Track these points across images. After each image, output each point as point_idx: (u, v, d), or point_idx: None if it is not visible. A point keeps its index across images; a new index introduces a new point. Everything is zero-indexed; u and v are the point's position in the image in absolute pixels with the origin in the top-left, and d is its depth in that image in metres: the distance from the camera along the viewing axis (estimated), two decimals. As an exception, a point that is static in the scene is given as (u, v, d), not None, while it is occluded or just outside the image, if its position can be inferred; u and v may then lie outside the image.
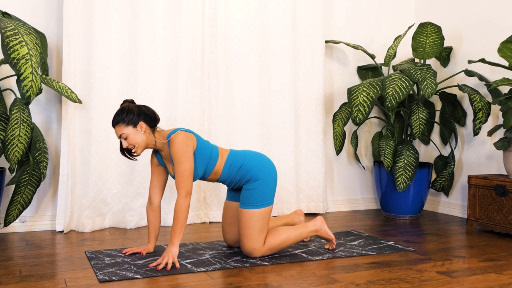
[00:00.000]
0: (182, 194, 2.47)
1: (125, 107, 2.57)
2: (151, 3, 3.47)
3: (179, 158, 2.47)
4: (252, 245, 2.60)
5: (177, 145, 2.48)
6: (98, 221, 3.38)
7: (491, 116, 3.73)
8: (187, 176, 2.48)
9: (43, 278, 2.29)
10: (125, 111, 2.55)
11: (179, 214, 2.45)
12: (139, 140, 2.54)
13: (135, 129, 2.54)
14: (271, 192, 2.65)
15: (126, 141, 2.54)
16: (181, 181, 2.48)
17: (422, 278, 2.31)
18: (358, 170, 4.34)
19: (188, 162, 2.48)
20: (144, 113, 2.57)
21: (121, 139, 2.55)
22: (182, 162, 2.48)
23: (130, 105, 2.58)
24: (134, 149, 2.56)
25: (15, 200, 2.95)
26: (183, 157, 2.48)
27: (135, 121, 2.54)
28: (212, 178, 2.70)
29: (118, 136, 2.55)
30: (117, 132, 2.55)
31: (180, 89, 3.55)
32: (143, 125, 2.55)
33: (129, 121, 2.53)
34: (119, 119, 2.54)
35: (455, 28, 4.05)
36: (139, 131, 2.54)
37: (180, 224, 2.45)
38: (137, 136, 2.54)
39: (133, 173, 3.45)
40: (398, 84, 3.50)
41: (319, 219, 2.79)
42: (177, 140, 2.49)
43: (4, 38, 2.58)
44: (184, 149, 2.48)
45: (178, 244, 2.46)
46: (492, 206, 3.31)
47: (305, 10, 3.96)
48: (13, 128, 2.81)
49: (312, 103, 3.98)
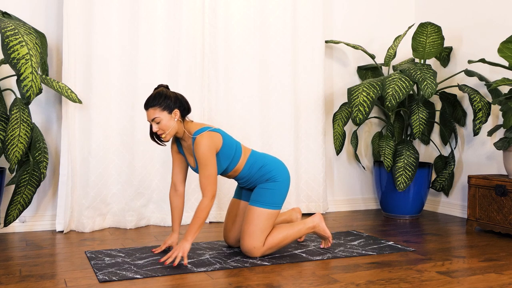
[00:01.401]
0: (208, 196, 2.50)
1: (162, 91, 2.56)
2: (151, 3, 3.47)
3: (203, 162, 2.50)
4: (253, 243, 2.60)
5: (201, 148, 2.49)
6: (98, 221, 3.38)
7: (491, 116, 3.73)
8: (213, 179, 2.51)
9: (43, 278, 2.29)
10: (162, 95, 2.54)
11: (201, 214, 2.48)
12: (171, 127, 2.55)
13: (169, 115, 2.54)
14: (282, 197, 2.69)
15: (158, 126, 2.53)
16: (208, 184, 2.50)
17: (422, 278, 2.32)
18: (358, 170, 4.34)
19: (212, 167, 2.51)
20: (180, 101, 2.58)
21: (153, 122, 2.54)
22: (207, 166, 2.50)
23: (168, 91, 2.57)
24: (164, 135, 2.56)
25: (15, 200, 2.95)
26: (207, 161, 2.50)
27: (171, 107, 2.54)
28: (231, 175, 2.72)
29: (150, 119, 2.53)
30: (150, 115, 2.53)
31: (180, 89, 3.55)
32: (178, 113, 2.56)
33: (165, 106, 2.53)
34: (156, 103, 2.52)
35: (455, 28, 4.05)
36: (173, 118, 2.55)
37: (199, 223, 2.48)
38: (170, 122, 2.54)
39: (133, 173, 3.45)
40: (398, 84, 3.50)
41: (317, 215, 2.81)
42: (202, 143, 2.49)
43: (4, 38, 2.58)
44: (208, 154, 2.50)
45: (191, 241, 2.49)
46: (492, 206, 3.31)
47: (305, 10, 3.96)
48: (13, 128, 2.81)
49: (312, 103, 3.98)
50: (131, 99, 3.45)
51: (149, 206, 3.51)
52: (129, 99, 3.45)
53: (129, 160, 3.45)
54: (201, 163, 2.50)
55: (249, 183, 2.74)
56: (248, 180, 2.72)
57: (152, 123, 2.55)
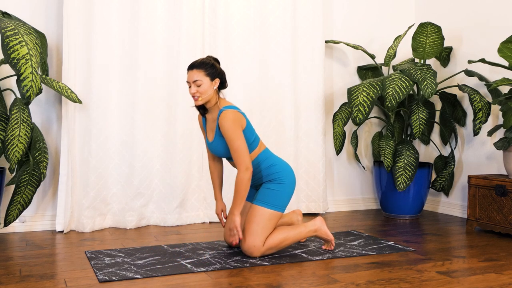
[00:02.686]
0: (242, 169, 2.57)
1: (210, 60, 2.68)
2: (151, 3, 3.47)
3: (230, 136, 2.58)
4: (254, 242, 2.61)
5: (227, 122, 2.58)
6: (98, 221, 3.38)
7: (491, 116, 3.73)
8: (243, 151, 2.58)
9: (43, 278, 2.29)
10: (210, 63, 2.66)
11: (240, 187, 2.57)
12: (209, 93, 2.65)
13: (210, 82, 2.64)
14: (286, 200, 2.72)
15: (197, 89, 2.63)
16: (238, 156, 2.58)
17: (422, 278, 2.31)
18: (358, 170, 4.34)
19: (240, 139, 2.59)
20: (222, 74, 2.71)
21: (193, 84, 2.63)
22: (235, 139, 2.58)
23: (215, 62, 2.70)
24: (199, 98, 2.65)
25: (15, 200, 2.95)
26: (233, 134, 2.58)
27: (214, 75, 2.66)
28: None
29: (192, 81, 2.63)
30: (193, 76, 2.63)
31: (180, 89, 3.54)
32: (218, 82, 2.67)
33: (210, 72, 2.65)
34: (203, 66, 2.64)
35: (455, 28, 4.05)
36: (212, 85, 2.65)
37: (241, 196, 2.58)
38: (209, 89, 2.64)
39: (133, 173, 3.45)
40: (398, 84, 3.50)
41: (318, 219, 2.80)
42: (228, 117, 2.59)
43: (4, 38, 2.58)
44: (234, 127, 2.58)
45: (238, 214, 2.59)
46: (492, 206, 3.31)
47: (305, 10, 3.96)
48: (13, 128, 2.81)
49: (312, 103, 3.98)
50: (131, 99, 3.45)
51: (149, 206, 3.51)
52: (129, 99, 3.45)
53: (129, 160, 3.45)
54: (229, 137, 2.58)
55: (253, 179, 2.77)
56: (254, 175, 2.76)
57: (192, 85, 2.64)
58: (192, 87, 2.63)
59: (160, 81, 3.51)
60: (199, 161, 3.64)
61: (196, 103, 2.67)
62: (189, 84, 2.65)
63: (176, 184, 3.52)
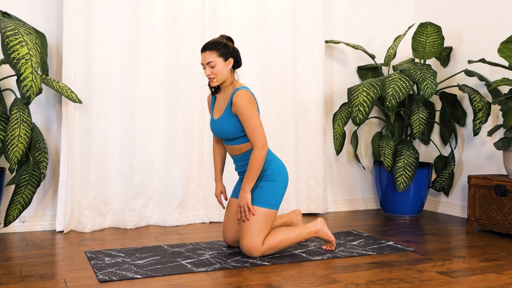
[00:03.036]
0: (259, 145, 2.59)
1: (222, 40, 2.68)
2: (151, 3, 3.47)
3: (246, 113, 2.59)
4: (252, 243, 2.60)
5: (244, 100, 2.59)
6: (98, 221, 3.38)
7: (491, 116, 3.73)
8: (260, 128, 2.60)
9: (43, 278, 2.29)
10: (222, 43, 2.66)
11: (255, 164, 2.59)
12: (223, 73, 2.66)
13: (224, 62, 2.66)
14: (280, 197, 2.71)
15: (211, 70, 2.64)
16: (255, 133, 2.60)
17: (422, 278, 2.32)
18: (358, 170, 4.34)
19: (256, 116, 2.61)
20: (236, 53, 2.71)
21: (207, 66, 2.64)
22: (251, 117, 2.60)
23: (227, 41, 2.69)
24: (215, 80, 2.66)
25: (15, 200, 2.95)
26: (250, 112, 2.60)
27: (227, 55, 2.66)
28: (239, 148, 2.74)
29: (205, 62, 2.64)
30: (206, 58, 2.63)
31: (180, 89, 3.55)
32: (232, 62, 2.68)
33: (223, 52, 2.65)
34: (215, 47, 2.64)
35: (455, 28, 4.05)
36: (227, 65, 2.67)
37: (254, 173, 2.59)
38: (223, 69, 2.66)
39: (133, 173, 3.45)
40: (398, 84, 3.50)
41: (319, 220, 2.79)
42: (244, 95, 2.61)
43: (4, 38, 2.58)
44: (250, 105, 2.60)
45: (249, 190, 2.61)
46: (492, 206, 3.31)
47: (305, 10, 3.96)
48: (13, 128, 2.81)
49: (312, 103, 3.98)
50: (131, 99, 3.45)
51: (149, 206, 3.51)
52: (129, 99, 3.45)
53: (129, 160, 3.45)
54: (245, 114, 2.60)
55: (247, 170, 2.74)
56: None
57: (206, 66, 2.65)
58: (207, 69, 2.65)
59: (160, 81, 3.51)
60: (199, 161, 3.64)
61: (212, 84, 2.68)
62: (203, 65, 2.66)
63: (176, 184, 3.52)
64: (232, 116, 2.67)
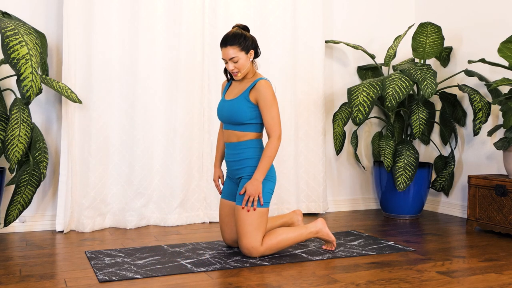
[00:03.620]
0: (275, 136, 2.62)
1: (241, 32, 2.65)
2: (151, 3, 3.47)
3: (270, 101, 2.62)
4: (250, 243, 2.60)
5: (269, 89, 2.62)
6: (98, 221, 3.38)
7: (491, 116, 3.73)
8: (278, 120, 2.64)
9: (43, 278, 2.29)
10: (242, 35, 2.64)
11: (270, 153, 2.61)
12: (246, 66, 2.67)
13: (246, 56, 2.65)
14: (270, 194, 2.69)
15: (234, 65, 2.64)
16: (274, 124, 2.63)
17: (422, 278, 2.31)
18: (358, 170, 4.34)
19: (277, 108, 2.64)
20: (255, 43, 2.69)
21: (230, 61, 2.64)
22: (273, 106, 2.62)
23: (246, 32, 2.68)
24: (239, 74, 2.67)
25: (15, 200, 2.95)
26: (273, 101, 2.62)
27: (248, 48, 2.65)
28: (238, 135, 2.71)
29: (228, 58, 2.63)
30: (229, 54, 2.62)
31: (180, 89, 3.55)
32: (253, 54, 2.68)
33: (244, 46, 2.63)
34: (236, 41, 2.62)
35: (455, 28, 4.05)
36: (249, 58, 2.67)
37: (268, 162, 2.61)
38: (246, 62, 2.66)
39: (133, 173, 3.45)
40: (398, 84, 3.50)
41: (319, 221, 2.78)
42: (268, 86, 2.63)
43: (4, 38, 2.58)
44: (273, 96, 2.63)
45: (261, 180, 2.61)
46: (492, 206, 3.31)
47: (305, 10, 3.96)
48: (13, 128, 2.81)
49: (312, 103, 3.98)
50: (131, 99, 3.45)
51: (149, 206, 3.51)
52: (129, 99, 3.45)
53: (129, 160, 3.45)
54: (267, 104, 2.62)
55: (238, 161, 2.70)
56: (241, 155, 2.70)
57: (229, 62, 2.64)
58: (230, 64, 2.64)
59: (160, 81, 3.51)
60: (199, 161, 3.64)
61: (236, 78, 2.69)
62: (225, 60, 2.65)
63: (176, 184, 3.52)
64: (248, 101, 2.66)
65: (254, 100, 2.66)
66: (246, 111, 2.66)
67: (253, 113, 2.68)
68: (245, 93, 2.67)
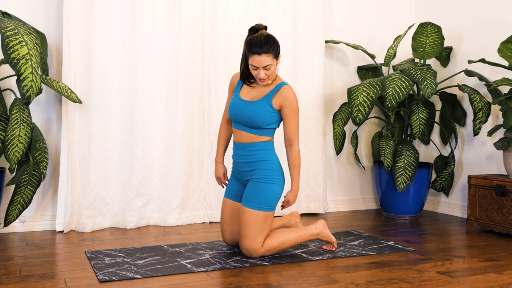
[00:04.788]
0: (297, 143, 2.66)
1: (272, 36, 2.52)
2: (151, 3, 3.47)
3: (295, 110, 2.61)
4: (251, 245, 2.60)
5: (295, 97, 2.59)
6: (98, 221, 3.38)
7: (491, 116, 3.73)
8: (298, 129, 2.67)
9: (43, 278, 2.29)
10: (274, 40, 2.50)
11: (297, 161, 2.66)
12: (275, 72, 2.59)
13: (275, 61, 2.55)
14: (277, 198, 2.67)
15: (266, 72, 2.52)
16: (296, 132, 2.65)
17: (422, 278, 2.32)
18: (358, 170, 4.34)
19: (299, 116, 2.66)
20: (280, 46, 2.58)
21: (263, 69, 2.51)
22: (297, 114, 2.62)
23: (274, 36, 2.54)
24: (268, 80, 2.58)
25: (15, 200, 2.95)
26: (297, 110, 2.62)
27: (278, 53, 2.55)
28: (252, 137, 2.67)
29: (262, 66, 2.49)
30: (264, 62, 2.47)
31: (180, 89, 3.55)
32: (280, 59, 2.64)
33: (276, 53, 2.52)
34: (270, 48, 2.47)
35: (455, 28, 4.05)
36: (277, 63, 2.58)
37: (299, 170, 2.68)
38: (275, 68, 2.57)
39: (133, 173, 3.45)
40: (398, 84, 3.50)
41: (320, 222, 2.78)
42: (293, 93, 2.60)
43: (4, 38, 2.58)
44: (297, 102, 2.62)
45: (298, 189, 2.70)
46: (492, 206, 3.31)
47: (305, 10, 3.96)
48: (13, 128, 2.81)
49: (312, 103, 3.98)
50: (131, 99, 3.45)
51: (149, 206, 3.51)
52: (129, 99, 3.45)
53: (129, 160, 3.45)
54: (293, 112, 2.60)
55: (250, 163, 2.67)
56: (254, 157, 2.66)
57: (261, 69, 2.50)
58: (261, 72, 2.51)
59: (160, 81, 3.51)
60: (199, 161, 3.64)
61: (263, 84, 2.59)
62: (254, 67, 2.51)
63: (176, 184, 3.52)
64: (270, 106, 2.59)
65: (277, 106, 2.59)
66: (268, 116, 2.60)
67: (274, 119, 2.63)
68: (268, 97, 2.59)
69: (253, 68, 2.53)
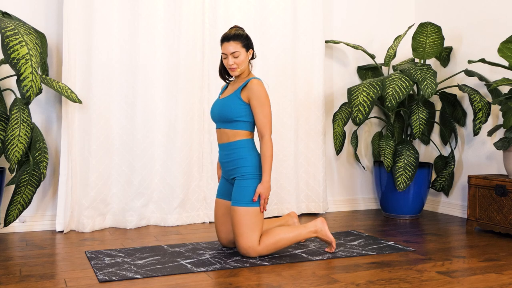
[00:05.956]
0: (268, 134, 2.68)
1: (243, 32, 2.75)
2: (151, 3, 3.47)
3: (263, 100, 2.67)
4: (247, 243, 2.60)
5: (261, 89, 2.67)
6: (98, 221, 3.38)
7: (491, 116, 3.73)
8: (270, 120, 2.69)
9: (43, 278, 2.29)
10: (244, 34, 2.74)
11: (269, 153, 2.66)
12: (244, 64, 2.74)
13: (246, 53, 2.73)
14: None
15: (234, 60, 2.70)
16: (267, 122, 2.68)
17: (422, 278, 2.32)
18: (358, 170, 4.34)
19: (269, 106, 2.69)
20: (253, 45, 2.79)
21: (231, 56, 2.70)
22: (266, 105, 2.68)
23: (246, 32, 2.77)
24: (238, 70, 2.73)
25: (15, 200, 2.96)
26: (266, 100, 2.68)
27: (248, 46, 2.75)
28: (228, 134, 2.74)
29: (230, 53, 2.69)
30: (231, 48, 2.68)
31: (180, 89, 3.55)
32: (251, 53, 2.78)
33: (245, 43, 2.73)
34: (239, 38, 2.70)
35: (455, 28, 4.05)
36: (248, 56, 2.75)
37: (270, 162, 2.67)
38: (245, 59, 2.73)
39: (133, 173, 3.45)
40: (398, 84, 3.50)
41: (319, 220, 2.78)
42: (261, 85, 2.69)
43: (4, 38, 2.58)
44: (265, 95, 2.69)
45: (269, 180, 2.67)
46: (492, 206, 3.31)
47: (305, 10, 3.96)
48: (13, 128, 2.81)
49: (312, 103, 3.98)
50: (131, 99, 3.45)
51: (149, 206, 3.51)
52: (129, 99, 3.45)
53: (129, 160, 3.45)
54: (260, 102, 2.67)
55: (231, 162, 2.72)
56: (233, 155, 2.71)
57: (229, 56, 2.70)
58: (230, 59, 2.69)
59: (160, 81, 3.51)
60: (199, 161, 3.64)
61: (233, 74, 2.74)
62: (225, 55, 2.71)
63: (176, 184, 3.52)
64: (239, 99, 2.70)
65: (245, 99, 2.70)
66: (236, 107, 2.69)
67: (243, 111, 2.70)
68: (237, 91, 2.72)
69: (224, 57, 2.73)
